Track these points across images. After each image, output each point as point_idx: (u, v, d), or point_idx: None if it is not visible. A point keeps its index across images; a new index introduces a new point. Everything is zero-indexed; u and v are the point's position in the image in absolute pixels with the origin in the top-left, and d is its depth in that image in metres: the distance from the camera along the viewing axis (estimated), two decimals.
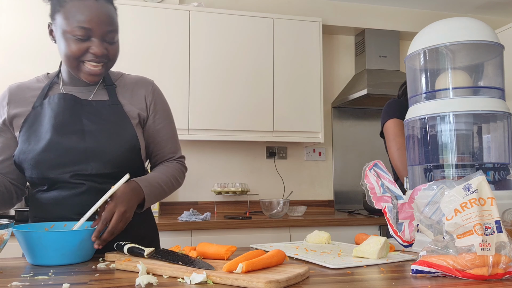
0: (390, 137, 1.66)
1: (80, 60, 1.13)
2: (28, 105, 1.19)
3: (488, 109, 1.13)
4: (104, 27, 1.12)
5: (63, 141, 1.14)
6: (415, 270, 0.86)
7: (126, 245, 1.01)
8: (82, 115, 1.17)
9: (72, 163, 1.14)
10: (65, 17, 1.10)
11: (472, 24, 1.17)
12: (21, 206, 2.61)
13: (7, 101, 1.20)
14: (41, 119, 1.17)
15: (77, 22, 1.09)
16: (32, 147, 1.14)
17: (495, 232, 0.82)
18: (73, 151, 1.14)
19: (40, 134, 1.15)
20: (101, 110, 1.19)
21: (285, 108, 2.96)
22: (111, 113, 1.20)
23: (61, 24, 1.11)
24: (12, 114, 1.19)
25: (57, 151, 1.13)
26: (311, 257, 1.02)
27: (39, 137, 1.14)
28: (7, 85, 1.26)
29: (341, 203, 3.37)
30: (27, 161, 1.14)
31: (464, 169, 1.16)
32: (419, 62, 1.26)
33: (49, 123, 1.15)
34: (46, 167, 1.14)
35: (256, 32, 2.95)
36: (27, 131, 1.16)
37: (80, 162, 1.14)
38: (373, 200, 1.16)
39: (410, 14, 3.52)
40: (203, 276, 0.79)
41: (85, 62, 1.13)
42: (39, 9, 2.62)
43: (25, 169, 1.16)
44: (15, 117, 1.19)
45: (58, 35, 1.14)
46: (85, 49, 1.11)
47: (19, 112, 1.19)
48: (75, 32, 1.09)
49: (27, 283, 0.79)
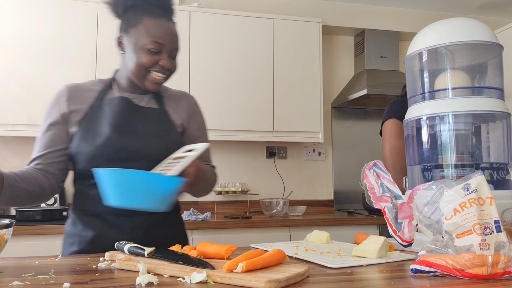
0: (386, 138, 1.67)
1: (148, 70, 1.26)
2: (86, 104, 1.30)
3: (487, 109, 1.14)
4: (173, 44, 1.28)
5: (119, 139, 1.25)
6: (415, 269, 0.86)
7: (126, 245, 1.01)
8: (135, 118, 1.30)
9: (125, 160, 1.24)
10: (141, 32, 1.25)
11: (471, 25, 1.17)
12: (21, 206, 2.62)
13: (66, 97, 1.31)
14: (99, 117, 1.28)
15: (153, 37, 1.24)
16: (90, 142, 1.24)
17: (494, 231, 0.82)
18: (127, 149, 1.25)
19: (98, 131, 1.25)
20: (151, 116, 1.32)
21: (285, 108, 2.96)
22: (160, 119, 1.34)
23: (137, 37, 1.25)
24: (71, 109, 1.29)
25: (113, 147, 1.24)
26: (311, 257, 1.02)
27: (97, 133, 1.25)
28: (9, 85, 1.27)
29: (340, 203, 3.38)
30: (83, 153, 1.24)
31: (463, 169, 1.16)
32: (419, 62, 1.26)
33: (107, 121, 1.26)
34: (102, 161, 1.23)
35: (256, 32, 2.95)
36: (85, 126, 1.27)
37: (132, 160, 1.25)
38: (373, 200, 1.16)
39: (410, 14, 3.53)
40: (204, 275, 0.79)
41: (151, 72, 1.26)
42: (41, 10, 2.63)
43: (78, 161, 1.25)
44: (73, 113, 1.29)
45: (130, 47, 1.27)
46: (155, 61, 1.25)
47: (77, 108, 1.29)
48: (149, 45, 1.24)
49: (28, 282, 0.80)
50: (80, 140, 1.25)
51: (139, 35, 1.25)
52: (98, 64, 2.67)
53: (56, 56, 2.62)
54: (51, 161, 1.27)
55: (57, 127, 1.29)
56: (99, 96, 1.32)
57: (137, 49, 1.25)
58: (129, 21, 1.28)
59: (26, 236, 2.17)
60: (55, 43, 2.63)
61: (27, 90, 2.56)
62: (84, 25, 2.67)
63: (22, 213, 2.36)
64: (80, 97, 1.31)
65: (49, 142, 1.28)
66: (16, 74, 2.56)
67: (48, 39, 2.62)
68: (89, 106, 1.30)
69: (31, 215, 2.35)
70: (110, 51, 2.69)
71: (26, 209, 2.37)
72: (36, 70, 2.59)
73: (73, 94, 1.31)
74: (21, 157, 2.86)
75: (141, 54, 1.25)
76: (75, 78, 2.62)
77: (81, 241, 1.27)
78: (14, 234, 2.06)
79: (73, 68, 2.63)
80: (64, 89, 1.33)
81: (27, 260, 1.03)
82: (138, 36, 1.25)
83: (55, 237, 2.21)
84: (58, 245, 2.20)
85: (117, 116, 1.27)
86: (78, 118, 1.28)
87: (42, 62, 2.60)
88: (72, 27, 2.66)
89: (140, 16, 1.26)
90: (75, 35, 2.66)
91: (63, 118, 1.29)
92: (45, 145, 1.28)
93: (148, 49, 1.24)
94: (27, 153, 2.85)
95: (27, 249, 2.15)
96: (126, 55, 1.30)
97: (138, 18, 1.26)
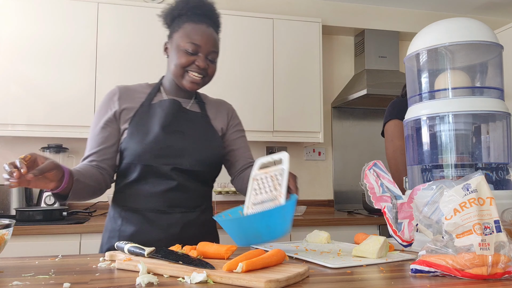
0: (388, 138, 1.67)
1: (185, 70, 1.35)
2: (136, 103, 1.39)
3: (487, 109, 1.14)
4: (209, 47, 1.36)
5: (168, 137, 1.34)
6: (415, 269, 0.86)
7: (126, 245, 1.01)
8: (183, 119, 1.40)
9: (172, 156, 1.33)
10: (182, 35, 1.35)
11: (471, 25, 1.17)
12: (21, 206, 2.62)
13: (118, 96, 1.39)
14: (150, 116, 1.37)
15: (191, 39, 1.34)
16: (140, 138, 1.32)
17: (494, 231, 0.82)
18: (175, 147, 1.34)
19: (149, 128, 1.34)
20: (195, 119, 1.43)
21: (285, 108, 2.96)
22: (202, 123, 1.45)
23: (177, 40, 1.36)
24: (122, 107, 1.38)
25: (161, 144, 1.32)
26: (311, 257, 1.02)
27: (147, 130, 1.34)
28: (9, 85, 1.27)
29: (340, 203, 3.38)
30: (132, 149, 1.32)
31: (463, 169, 1.16)
32: (419, 62, 1.26)
33: (158, 120, 1.35)
34: (151, 156, 1.31)
35: (256, 32, 2.95)
36: (136, 124, 1.35)
37: (178, 157, 1.34)
38: (373, 200, 1.16)
39: (410, 14, 3.53)
40: (204, 275, 0.79)
41: (189, 72, 1.35)
42: (41, 10, 2.63)
43: (127, 156, 1.33)
44: (124, 110, 1.38)
45: (172, 49, 1.38)
46: (191, 61, 1.35)
47: (128, 106, 1.38)
48: (187, 46, 1.34)
49: (28, 282, 0.80)
50: (130, 136, 1.34)
51: (179, 39, 1.35)
52: (98, 64, 2.67)
53: (56, 56, 2.62)
54: (104, 158, 1.35)
55: (110, 125, 1.37)
56: (148, 97, 1.41)
57: (177, 51, 1.35)
58: (174, 28, 1.39)
59: (26, 236, 2.17)
60: (55, 43, 2.62)
61: (27, 90, 2.56)
62: (84, 25, 2.67)
63: (22, 213, 2.35)
64: (131, 97, 1.40)
65: (103, 139, 1.35)
66: (16, 74, 2.56)
67: (48, 39, 2.62)
68: (139, 105, 1.39)
69: (31, 215, 2.34)
70: (110, 51, 2.69)
71: (26, 209, 2.37)
72: (36, 70, 2.59)
73: (123, 94, 1.40)
74: None
75: (180, 55, 1.34)
76: (75, 78, 2.64)
77: (120, 236, 1.34)
78: (14, 234, 2.06)
79: (73, 68, 2.63)
80: (116, 89, 1.41)
81: (27, 260, 1.03)
82: (178, 39, 1.35)
83: (55, 237, 2.21)
84: (58, 245, 2.22)
85: (167, 116, 1.36)
86: (129, 115, 1.37)
87: (42, 62, 2.60)
88: (72, 27, 2.65)
89: (183, 22, 1.37)
90: (75, 35, 2.66)
91: (115, 116, 1.37)
92: (99, 143, 1.35)
93: (185, 50, 1.34)
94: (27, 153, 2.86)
95: (27, 249, 2.15)
96: (169, 58, 1.40)
97: (181, 24, 1.37)
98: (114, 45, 2.69)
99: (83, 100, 2.60)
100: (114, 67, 2.68)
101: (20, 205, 2.64)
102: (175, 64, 1.35)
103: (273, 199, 1.11)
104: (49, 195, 2.67)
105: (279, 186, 1.11)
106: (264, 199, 1.13)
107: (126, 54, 2.70)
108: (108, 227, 1.40)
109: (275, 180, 1.14)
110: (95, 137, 1.36)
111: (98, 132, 1.36)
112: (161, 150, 1.32)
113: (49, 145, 2.80)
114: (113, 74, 2.67)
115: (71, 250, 2.22)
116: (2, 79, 2.53)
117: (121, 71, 2.69)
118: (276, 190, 1.12)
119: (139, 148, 1.31)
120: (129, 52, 2.70)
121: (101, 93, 2.62)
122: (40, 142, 2.84)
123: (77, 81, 2.63)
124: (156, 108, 1.39)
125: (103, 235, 1.41)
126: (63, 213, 2.45)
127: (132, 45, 2.70)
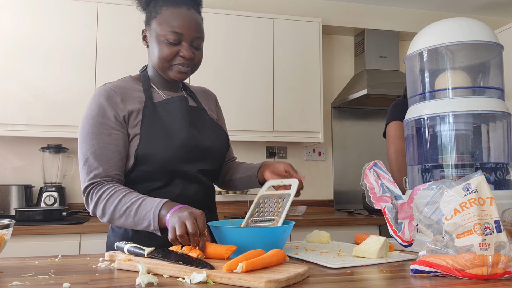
0: (390, 139, 1.67)
1: (171, 64, 1.23)
2: (138, 104, 1.25)
3: (487, 109, 1.14)
4: (193, 33, 1.23)
5: (191, 139, 1.24)
6: (415, 269, 0.86)
7: (126, 245, 1.01)
8: (194, 117, 1.30)
9: (197, 159, 1.25)
10: (160, 22, 1.22)
11: (471, 25, 1.17)
12: (21, 206, 2.62)
13: (120, 98, 1.24)
14: (161, 117, 1.24)
15: (171, 27, 1.20)
16: (164, 144, 1.20)
17: (494, 232, 0.82)
18: (198, 148, 1.25)
19: (170, 132, 1.22)
20: (199, 114, 1.33)
21: (285, 108, 2.96)
22: (205, 117, 1.34)
23: (156, 29, 1.22)
24: (129, 111, 1.23)
25: (188, 147, 1.23)
26: (311, 257, 1.02)
27: (169, 135, 1.22)
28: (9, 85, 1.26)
29: (340, 203, 3.38)
30: (158, 156, 1.19)
31: (464, 169, 1.16)
32: (419, 62, 1.26)
33: (178, 122, 1.24)
34: (178, 162, 1.21)
35: (256, 32, 2.95)
36: (149, 127, 1.22)
37: (201, 159, 1.26)
38: (373, 200, 1.16)
39: (410, 14, 3.53)
40: (203, 275, 0.79)
41: (174, 66, 1.24)
42: (40, 9, 2.63)
43: (147, 162, 1.20)
44: (132, 113, 1.23)
45: (152, 39, 1.25)
46: (175, 52, 1.22)
47: (133, 109, 1.24)
48: (168, 36, 1.20)
49: (28, 282, 0.80)
50: (149, 141, 1.20)
51: (158, 27, 1.22)
52: (97, 63, 2.67)
53: (56, 56, 2.62)
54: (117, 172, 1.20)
55: (121, 131, 1.21)
56: (147, 95, 1.27)
57: (157, 42, 1.22)
58: (150, 13, 1.26)
59: (26, 236, 2.17)
60: (55, 42, 2.62)
61: (27, 90, 2.56)
62: (84, 25, 2.67)
63: (22, 213, 2.35)
64: (131, 97, 1.25)
65: (118, 148, 1.20)
66: (16, 74, 2.56)
67: (48, 39, 2.62)
68: (143, 106, 1.24)
69: (31, 215, 2.34)
70: (110, 51, 2.69)
71: (26, 209, 2.37)
72: (36, 70, 2.59)
73: (123, 94, 1.25)
74: (21, 157, 2.87)
75: (161, 46, 1.22)
76: (75, 77, 2.64)
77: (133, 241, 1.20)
78: (14, 234, 2.06)
79: (73, 68, 2.63)
80: (112, 89, 1.24)
81: (27, 260, 1.03)
82: (158, 28, 1.22)
83: (55, 237, 2.21)
84: (58, 245, 2.22)
85: (184, 116, 1.26)
86: (138, 119, 1.23)
87: (42, 62, 2.60)
88: (72, 27, 2.65)
89: (160, 7, 1.23)
90: (75, 35, 2.65)
91: (125, 121, 1.22)
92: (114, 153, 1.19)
93: (166, 40, 1.21)
94: (27, 153, 2.88)
95: (27, 249, 2.15)
96: (149, 49, 1.27)
97: (158, 9, 1.23)
98: (114, 45, 2.69)
99: (83, 100, 2.60)
100: (114, 67, 2.68)
101: (20, 205, 2.63)
102: (158, 57, 1.22)
103: (271, 219, 1.14)
104: (49, 195, 2.67)
105: (281, 209, 1.15)
106: (263, 219, 1.15)
107: (126, 54, 2.70)
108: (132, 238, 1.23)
109: (278, 203, 1.16)
110: (106, 146, 1.18)
111: (110, 141, 1.19)
112: (189, 153, 1.23)
113: (49, 145, 2.80)
114: (113, 74, 2.65)
115: (71, 250, 2.22)
116: (2, 79, 2.53)
117: (121, 71, 2.67)
118: (278, 213, 1.15)
119: (165, 154, 1.19)
120: (129, 52, 2.70)
121: None
122: (40, 142, 2.84)
123: (77, 81, 2.63)
124: (167, 107, 1.26)
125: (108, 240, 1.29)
126: (63, 213, 2.45)
127: (132, 45, 2.70)
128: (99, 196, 1.15)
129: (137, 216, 1.11)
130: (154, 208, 1.08)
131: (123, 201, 1.13)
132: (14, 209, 2.50)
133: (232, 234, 1.03)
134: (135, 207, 1.11)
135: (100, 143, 1.18)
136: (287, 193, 1.17)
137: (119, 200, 1.13)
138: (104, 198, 1.15)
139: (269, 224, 1.12)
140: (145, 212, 1.09)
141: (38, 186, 2.79)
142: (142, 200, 1.12)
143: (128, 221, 1.13)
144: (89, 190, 1.17)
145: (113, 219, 1.15)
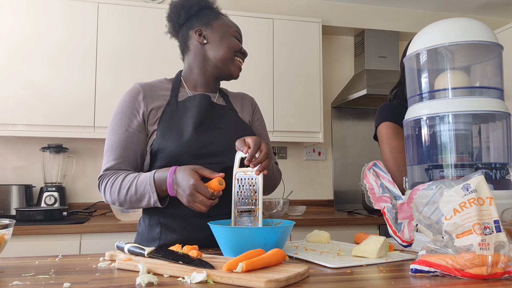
0: (383, 140, 1.66)
1: (235, 55, 1.38)
2: (162, 101, 1.33)
3: (487, 109, 1.14)
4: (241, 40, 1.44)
5: (204, 135, 1.29)
6: (415, 269, 0.87)
7: (126, 245, 1.01)
8: (215, 115, 1.36)
9: (211, 155, 1.28)
10: (225, 23, 1.40)
11: (471, 25, 1.17)
12: (22, 206, 2.62)
13: (142, 96, 1.32)
14: (180, 114, 1.31)
15: (235, 26, 1.42)
16: (174, 139, 1.26)
17: (494, 231, 0.82)
18: (212, 145, 1.29)
19: (182, 128, 1.28)
20: (225, 113, 1.39)
21: (285, 108, 2.96)
22: (233, 116, 1.41)
23: (222, 27, 1.39)
24: (150, 108, 1.31)
25: (199, 143, 1.27)
26: (311, 257, 1.02)
27: (181, 130, 1.27)
28: (9, 85, 1.27)
29: (340, 203, 3.38)
30: (167, 150, 1.25)
31: (463, 169, 1.16)
32: (418, 62, 1.26)
33: (191, 118, 1.29)
34: (188, 157, 1.25)
35: (256, 32, 2.95)
36: (166, 124, 1.29)
37: (218, 155, 1.29)
38: (372, 200, 1.16)
39: (410, 14, 3.53)
40: (204, 275, 0.79)
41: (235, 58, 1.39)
42: (41, 10, 2.63)
43: (161, 158, 1.26)
44: (152, 110, 1.31)
45: (217, 34, 1.37)
46: (240, 46, 1.40)
47: (155, 106, 1.31)
48: (235, 33, 1.40)
49: (28, 282, 0.80)
50: (163, 137, 1.27)
51: (225, 25, 1.38)
52: (98, 63, 2.67)
53: (56, 56, 2.62)
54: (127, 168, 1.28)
55: (138, 128, 1.29)
56: (173, 94, 1.35)
57: (227, 36, 1.37)
58: (208, 16, 1.39)
59: (26, 236, 2.17)
60: (55, 43, 2.63)
61: (27, 90, 2.56)
62: (84, 25, 2.67)
63: (22, 213, 2.36)
64: (156, 95, 1.33)
65: (132, 144, 1.28)
66: (16, 74, 2.56)
67: (48, 39, 2.62)
68: (166, 104, 1.32)
69: (31, 215, 2.35)
70: (110, 51, 2.69)
71: (26, 209, 2.37)
72: (36, 70, 2.59)
73: (147, 92, 1.33)
74: (21, 157, 2.87)
75: (232, 39, 1.38)
76: (75, 78, 2.64)
77: (161, 245, 1.25)
78: (14, 234, 2.06)
79: (73, 68, 2.63)
80: (138, 88, 1.33)
81: (27, 260, 1.03)
82: (224, 26, 1.38)
83: (55, 237, 2.21)
84: (58, 245, 2.22)
85: (200, 112, 1.31)
86: (157, 116, 1.30)
87: (42, 62, 2.60)
88: (72, 27, 2.66)
89: (216, 14, 1.41)
90: (75, 35, 2.66)
91: (144, 118, 1.30)
92: (127, 148, 1.27)
93: (235, 35, 1.39)
94: (27, 153, 2.88)
95: (27, 249, 2.15)
96: (210, 45, 1.37)
97: (216, 14, 1.41)
98: (114, 45, 2.69)
99: (83, 100, 2.60)
100: (114, 67, 2.68)
101: (20, 205, 2.64)
102: (228, 48, 1.36)
103: (251, 210, 1.13)
104: (49, 195, 2.68)
105: (256, 194, 1.12)
106: (244, 209, 1.13)
107: (126, 54, 2.70)
108: (144, 236, 1.30)
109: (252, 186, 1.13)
110: (121, 142, 1.27)
111: (125, 137, 1.27)
112: (200, 149, 1.26)
113: (49, 145, 2.80)
114: (113, 74, 2.67)
115: (71, 250, 2.22)
116: (2, 79, 2.53)
117: (121, 71, 2.69)
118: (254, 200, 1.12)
119: (176, 149, 1.24)
120: (129, 52, 2.70)
121: (101, 93, 2.62)
122: (40, 142, 2.85)
123: (77, 81, 2.63)
124: (187, 105, 1.32)
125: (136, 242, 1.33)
126: (63, 213, 2.45)
127: (132, 45, 2.70)
128: (105, 185, 1.25)
129: (138, 193, 1.20)
130: (149, 181, 1.19)
131: (123, 184, 1.22)
132: (14, 209, 2.50)
133: (232, 234, 1.04)
134: (134, 186, 1.20)
135: (116, 138, 1.28)
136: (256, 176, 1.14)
137: (120, 184, 1.22)
138: (109, 187, 1.24)
139: (250, 216, 1.12)
140: (143, 187, 1.19)
141: (39, 186, 2.79)
142: (137, 178, 1.21)
143: (133, 200, 1.22)
144: (99, 182, 1.28)
145: (124, 203, 1.23)
